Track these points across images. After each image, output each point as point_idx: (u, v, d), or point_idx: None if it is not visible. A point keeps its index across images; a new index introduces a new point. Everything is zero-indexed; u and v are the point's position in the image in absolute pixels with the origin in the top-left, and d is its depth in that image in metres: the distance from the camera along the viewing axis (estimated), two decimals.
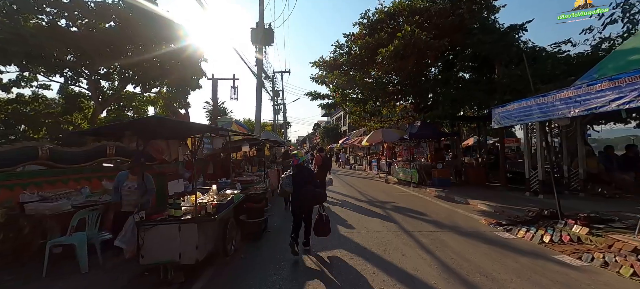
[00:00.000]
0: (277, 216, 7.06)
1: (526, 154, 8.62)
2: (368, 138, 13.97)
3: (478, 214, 6.88)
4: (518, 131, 16.90)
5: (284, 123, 32.08)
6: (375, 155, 22.59)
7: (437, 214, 6.85)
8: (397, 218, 6.55)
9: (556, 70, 8.01)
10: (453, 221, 6.25)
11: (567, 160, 8.84)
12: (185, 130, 4.48)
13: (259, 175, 7.98)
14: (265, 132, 15.97)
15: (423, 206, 7.85)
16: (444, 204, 8.20)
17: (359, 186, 12.69)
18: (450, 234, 5.27)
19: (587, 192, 8.18)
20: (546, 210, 6.01)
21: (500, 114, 6.60)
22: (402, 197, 9.49)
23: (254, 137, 9.61)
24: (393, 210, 7.46)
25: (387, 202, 8.63)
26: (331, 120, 56.00)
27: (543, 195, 8.03)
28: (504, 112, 6.43)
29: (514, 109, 6.11)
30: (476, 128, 13.63)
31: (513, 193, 9.08)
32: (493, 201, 7.77)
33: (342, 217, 6.83)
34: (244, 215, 5.32)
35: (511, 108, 6.21)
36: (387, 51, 9.62)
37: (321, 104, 16.51)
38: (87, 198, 4.74)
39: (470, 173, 11.41)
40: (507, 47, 9.53)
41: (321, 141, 49.73)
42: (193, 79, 10.16)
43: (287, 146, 22.71)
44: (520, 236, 5.05)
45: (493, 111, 7.05)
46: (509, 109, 6.27)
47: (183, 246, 3.43)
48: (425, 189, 10.97)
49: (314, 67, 15.23)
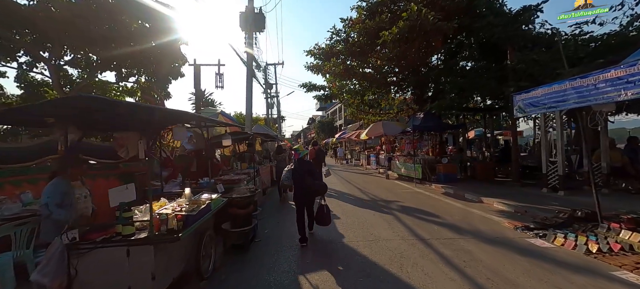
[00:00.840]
0: (269, 219, 6.14)
1: (544, 147, 7.84)
2: (367, 131, 13.09)
3: (497, 215, 6.07)
4: (522, 123, 16.15)
5: (277, 117, 30.98)
6: (373, 149, 21.78)
7: (451, 216, 6.02)
8: (408, 222, 5.69)
9: (580, 53, 7.19)
10: (472, 224, 5.41)
11: (587, 152, 8.09)
12: (146, 117, 3.49)
13: (248, 173, 7.02)
14: (257, 126, 14.94)
15: (433, 206, 7.02)
16: (455, 203, 7.38)
17: (359, 182, 11.83)
18: (474, 242, 4.43)
19: (610, 187, 7.47)
20: (579, 210, 5.22)
21: (524, 101, 5.78)
22: (408, 195, 8.66)
23: (242, 129, 8.62)
24: (400, 211, 6.60)
25: (392, 201, 7.78)
26: (326, 114, 55.03)
27: (564, 192, 7.28)
28: (530, 99, 5.61)
29: (543, 94, 5.29)
30: (481, 120, 12.85)
31: (528, 189, 8.33)
32: (509, 199, 7.00)
33: (345, 221, 5.95)
34: (227, 223, 4.39)
35: (539, 94, 5.39)
36: (390, 34, 8.68)
37: (317, 95, 15.52)
38: (24, 207, 3.73)
39: (478, 168, 10.64)
40: (521, 30, 8.69)
41: (316, 136, 48.83)
42: (174, 66, 9.05)
43: (280, 140, 21.72)
44: (558, 244, 4.23)
45: (514, 98, 6.23)
46: (535, 94, 5.45)
47: (134, 276, 2.49)
48: (430, 185, 10.16)
49: (308, 55, 14.21)
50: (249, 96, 12.47)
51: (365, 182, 11.90)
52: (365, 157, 20.10)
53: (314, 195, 4.78)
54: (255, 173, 7.34)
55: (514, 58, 8.59)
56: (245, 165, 8.65)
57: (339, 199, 8.22)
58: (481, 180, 10.49)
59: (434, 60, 12.64)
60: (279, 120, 31.06)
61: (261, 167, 9.60)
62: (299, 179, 4.67)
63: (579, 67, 6.88)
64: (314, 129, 53.22)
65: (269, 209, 7.32)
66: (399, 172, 12.70)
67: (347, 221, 5.92)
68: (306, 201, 4.73)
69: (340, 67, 11.81)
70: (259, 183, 7.62)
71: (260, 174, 9.07)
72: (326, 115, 54.34)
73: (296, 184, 4.71)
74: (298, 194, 4.72)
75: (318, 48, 13.56)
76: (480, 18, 9.40)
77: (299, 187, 4.69)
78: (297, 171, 4.72)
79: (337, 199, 8.24)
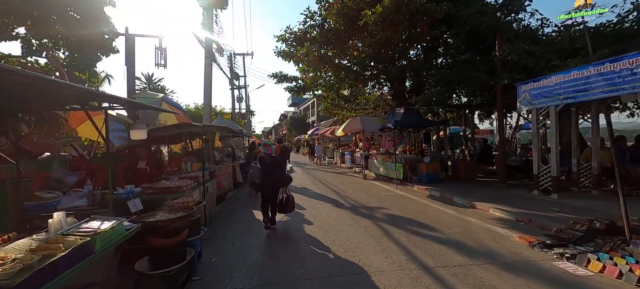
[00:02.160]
0: (223, 240, 4.62)
1: (535, 146, 7.22)
2: (344, 127, 11.92)
3: (499, 224, 5.18)
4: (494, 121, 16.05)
5: (246, 112, 28.81)
6: (347, 147, 20.78)
7: (449, 228, 4.99)
8: (401, 238, 4.54)
9: (576, 44, 6.58)
10: (477, 240, 4.41)
11: (575, 152, 7.67)
12: None
13: (196, 177, 5.40)
14: (219, 119, 13.07)
15: (423, 214, 5.99)
16: (445, 209, 6.44)
17: (334, 183, 10.62)
18: (493, 270, 3.37)
19: (600, 189, 7.06)
20: (597, 221, 4.44)
21: (533, 91, 4.96)
22: (391, 199, 7.60)
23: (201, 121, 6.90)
24: (388, 222, 5.46)
25: (375, 208, 6.64)
26: (299, 110, 53.41)
27: (557, 194, 6.69)
28: (540, 88, 4.79)
29: (558, 83, 4.46)
30: (460, 117, 12.32)
31: (516, 191, 7.71)
32: (504, 204, 6.22)
33: (324, 238, 4.64)
34: (144, 260, 2.86)
35: (552, 82, 4.57)
36: (374, 14, 7.51)
37: (288, 87, 13.99)
38: None
39: (461, 167, 9.97)
40: (512, 19, 8.03)
41: (288, 132, 47.05)
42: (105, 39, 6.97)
43: (250, 137, 19.82)
44: (596, 271, 3.32)
45: (519, 88, 5.44)
46: (548, 83, 4.63)
47: None
48: (412, 186, 9.27)
49: (279, 41, 12.67)
50: (208, 83, 10.64)
51: (342, 183, 10.73)
52: (339, 155, 19.04)
53: (279, 186, 5.25)
54: (208, 176, 5.71)
55: (502, 49, 7.90)
56: (198, 165, 6.96)
57: (314, 204, 6.91)
58: (464, 180, 9.84)
59: (413, 55, 11.84)
60: (248, 114, 28.91)
61: (220, 167, 7.95)
62: (268, 172, 5.07)
63: (576, 58, 6.27)
64: (285, 126, 51.38)
65: (225, 222, 5.78)
66: (376, 171, 11.74)
67: (326, 238, 4.62)
68: (272, 193, 5.12)
69: (314, 54, 10.45)
70: (213, 189, 6.03)
71: (218, 176, 7.43)
72: (298, 111, 52.77)
73: (265, 176, 5.06)
74: (266, 185, 5.07)
75: (290, 32, 12.06)
76: (466, 6, 8.61)
77: (268, 179, 5.06)
78: (267, 165, 5.09)
79: (312, 203, 6.93)
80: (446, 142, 11.52)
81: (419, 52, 11.69)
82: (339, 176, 12.80)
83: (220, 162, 9.02)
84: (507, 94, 8.33)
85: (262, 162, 5.15)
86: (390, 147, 10.76)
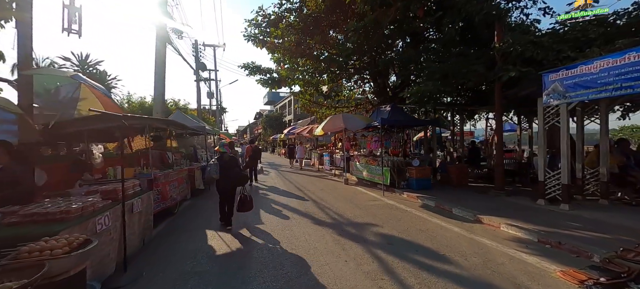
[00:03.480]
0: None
1: (541, 150, 6.35)
2: (324, 125, 10.57)
3: (520, 247, 4.11)
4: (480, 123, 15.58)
5: (216, 109, 26.51)
6: (325, 147, 19.50)
7: (464, 257, 3.81)
8: (407, 277, 3.26)
9: (590, 34, 5.78)
10: (510, 278, 3.25)
11: (580, 156, 6.96)
12: None
13: (114, 191, 3.67)
14: (177, 114, 11.12)
15: (425, 234, 4.80)
16: (448, 224, 5.32)
17: (313, 190, 9.24)
18: None
19: (608, 198, 6.35)
20: None
21: (566, 82, 3.96)
22: (380, 211, 6.37)
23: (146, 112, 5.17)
24: (385, 249, 4.17)
25: (364, 225, 5.35)
26: (275, 109, 51.41)
27: (568, 205, 5.84)
28: (578, 77, 3.79)
29: (603, 69, 3.48)
30: (450, 117, 11.51)
31: (518, 200, 6.83)
32: (513, 218, 5.26)
33: (301, 278, 3.23)
34: None
35: (594, 68, 3.58)
36: None
37: (261, 79, 12.38)
38: None
39: (452, 172, 9.05)
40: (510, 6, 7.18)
41: (263, 132, 44.90)
42: None
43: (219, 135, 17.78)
44: None
45: (546, 77, 4.45)
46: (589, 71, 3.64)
47: None
48: (401, 194, 8.16)
49: (250, 26, 11.06)
50: (160, 68, 8.77)
51: (321, 189, 9.37)
52: (317, 157, 17.70)
53: (237, 185, 5.37)
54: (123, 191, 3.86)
55: (504, 39, 7.00)
56: (131, 172, 5.20)
57: (288, 220, 5.46)
58: (455, 185, 8.94)
59: (400, 47, 10.82)
60: (218, 111, 26.64)
61: (167, 173, 6.20)
62: (226, 171, 5.24)
63: (595, 48, 5.44)
64: (260, 125, 49.17)
65: (162, 252, 4.16)
66: (359, 175, 10.54)
67: (307, 279, 3.21)
68: (229, 190, 5.28)
69: (291, 39, 8.99)
70: (147, 205, 4.35)
71: (162, 184, 5.73)
72: (274, 109, 50.83)
73: (223, 175, 5.21)
74: (224, 183, 5.25)
75: (263, 15, 10.51)
76: None
77: (226, 177, 5.23)
78: (225, 163, 5.30)
79: (285, 218, 5.47)
80: (434, 144, 10.60)
81: (405, 45, 10.68)
82: (318, 180, 11.44)
83: (172, 165, 7.24)
84: (506, 90, 7.50)
85: (221, 160, 5.32)
86: (377, 149, 9.59)
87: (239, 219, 5.72)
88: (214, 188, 6.41)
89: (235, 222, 5.45)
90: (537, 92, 6.34)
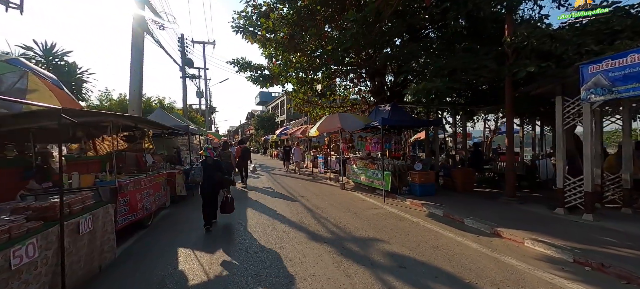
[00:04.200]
0: None
1: (561, 153, 5.76)
2: (319, 125, 9.83)
3: (555, 270, 3.46)
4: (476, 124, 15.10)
5: (206, 108, 25.45)
6: (319, 149, 18.74)
7: (494, 287, 3.12)
8: None
9: (615, 26, 5.22)
10: None
11: (598, 161, 6.41)
12: None
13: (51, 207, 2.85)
14: (158, 112, 10.17)
15: (440, 252, 4.09)
16: (463, 239, 4.64)
17: (307, 196, 8.47)
18: None
19: (631, 206, 5.81)
20: None
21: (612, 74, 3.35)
22: (384, 222, 5.66)
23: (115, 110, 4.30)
24: (396, 274, 3.44)
25: (368, 240, 4.62)
26: (267, 109, 50.35)
27: (593, 216, 5.25)
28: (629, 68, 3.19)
29: None
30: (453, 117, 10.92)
31: (533, 208, 6.23)
32: (536, 231, 4.65)
33: None
34: None
35: None
36: None
37: (251, 76, 11.55)
38: None
39: (457, 176, 8.43)
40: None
41: (255, 132, 43.80)
42: None
43: (206, 135, 16.79)
44: None
45: (584, 69, 3.84)
46: None
47: None
48: (404, 200, 7.49)
49: (240, 19, 10.24)
50: (137, 57, 7.85)
51: (316, 195, 8.61)
52: (311, 159, 16.94)
53: (219, 188, 5.47)
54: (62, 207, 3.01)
55: (517, 32, 6.40)
56: (91, 179, 4.33)
57: (280, 235, 4.67)
58: (461, 191, 8.32)
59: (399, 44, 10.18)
60: (207, 111, 25.60)
61: (139, 179, 5.31)
62: (209, 174, 5.24)
63: (622, 41, 4.87)
64: (252, 125, 48.06)
65: (118, 284, 3.33)
66: (356, 180, 9.83)
67: None
68: (212, 193, 5.29)
69: (284, 31, 8.23)
70: (103, 224, 3.50)
71: (131, 193, 4.86)
72: (267, 110, 49.82)
73: (206, 178, 5.24)
74: (206, 186, 5.25)
75: (253, 6, 9.71)
76: None
77: (209, 180, 5.24)
78: (209, 166, 5.29)
79: (277, 232, 4.66)
80: (437, 147, 9.98)
81: (406, 41, 10.06)
82: (313, 185, 10.68)
83: (147, 170, 6.34)
84: (516, 88, 6.92)
85: (204, 164, 5.34)
86: (377, 151, 8.90)
87: (223, 235, 4.92)
88: (198, 193, 6.32)
89: (220, 241, 4.64)
90: (553, 91, 5.77)
